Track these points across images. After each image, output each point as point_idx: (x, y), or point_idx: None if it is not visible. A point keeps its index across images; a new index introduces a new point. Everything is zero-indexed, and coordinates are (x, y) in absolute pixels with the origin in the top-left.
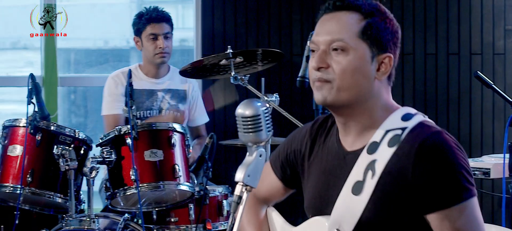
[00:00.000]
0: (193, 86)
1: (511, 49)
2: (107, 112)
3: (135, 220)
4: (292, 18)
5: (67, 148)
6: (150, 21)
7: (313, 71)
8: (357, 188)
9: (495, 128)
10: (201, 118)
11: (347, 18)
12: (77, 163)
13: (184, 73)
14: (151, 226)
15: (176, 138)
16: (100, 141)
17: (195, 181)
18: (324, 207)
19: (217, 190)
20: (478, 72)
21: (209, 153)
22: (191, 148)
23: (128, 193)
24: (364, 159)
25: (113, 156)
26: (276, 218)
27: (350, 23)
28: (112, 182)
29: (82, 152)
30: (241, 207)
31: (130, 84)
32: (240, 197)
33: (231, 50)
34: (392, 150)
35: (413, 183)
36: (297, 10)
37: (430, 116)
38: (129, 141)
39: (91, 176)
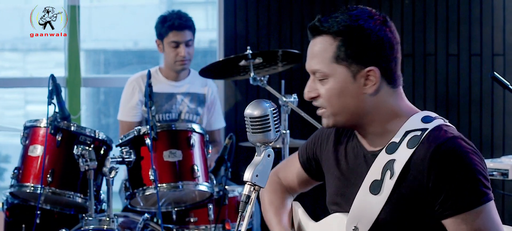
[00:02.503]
0: (212, 90)
1: None
2: (122, 118)
3: (154, 220)
4: (313, 18)
5: (87, 148)
6: (172, 28)
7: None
8: (375, 187)
9: None
10: (218, 122)
11: (320, 45)
12: (96, 163)
13: (204, 73)
14: (170, 226)
15: (195, 139)
16: (120, 141)
17: (214, 181)
18: (345, 204)
19: (237, 190)
20: (495, 73)
21: (228, 153)
22: (210, 148)
23: (147, 193)
24: (382, 158)
25: (133, 156)
26: (299, 211)
27: (322, 50)
28: (131, 182)
29: (102, 152)
30: (249, 207)
31: (149, 86)
32: (248, 197)
33: (250, 51)
34: (411, 151)
35: (429, 188)
36: (318, 10)
37: (451, 117)
38: (148, 141)
39: (111, 176)
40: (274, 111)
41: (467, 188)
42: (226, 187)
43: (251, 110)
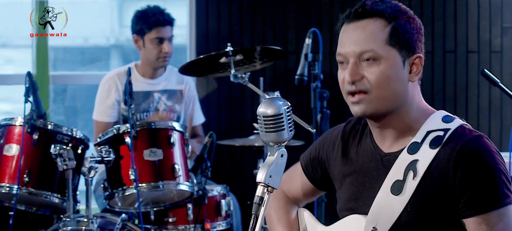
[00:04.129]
0: (190, 86)
1: (508, 47)
2: (97, 118)
3: (132, 220)
4: (287, 16)
5: (64, 147)
6: (156, 24)
7: (346, 84)
8: (397, 188)
9: (491, 126)
10: (198, 118)
11: (373, 26)
12: (75, 162)
13: (183, 71)
14: (149, 226)
15: (175, 137)
16: (98, 140)
17: (194, 181)
18: (360, 209)
19: (216, 190)
20: (485, 70)
21: (208, 152)
22: (190, 146)
23: (127, 193)
24: (404, 159)
25: (112, 155)
26: (307, 217)
27: (376, 31)
28: (110, 182)
29: (79, 151)
30: (262, 208)
31: (129, 83)
32: (262, 198)
33: (231, 48)
34: (435, 151)
35: (454, 187)
36: (292, 8)
37: None
38: (128, 140)
39: (90, 176)
40: (288, 109)
41: (491, 188)
42: (206, 186)
43: (265, 109)
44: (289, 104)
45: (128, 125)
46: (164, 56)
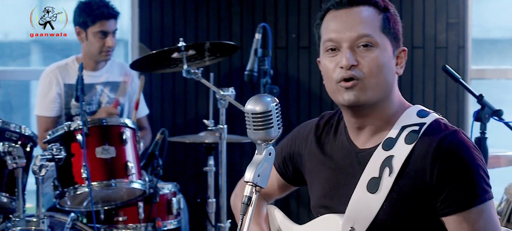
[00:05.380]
0: (133, 78)
1: (453, 42)
2: (40, 113)
3: (80, 219)
4: (231, 11)
5: (14, 145)
6: (101, 17)
7: (339, 70)
8: (373, 185)
9: None
10: (143, 109)
11: (367, 12)
12: (25, 160)
13: (135, 66)
14: (98, 225)
15: (127, 134)
16: (48, 137)
17: (147, 179)
18: (335, 206)
19: (167, 188)
20: (446, 65)
21: (160, 149)
22: (142, 144)
23: (79, 192)
24: (379, 155)
25: (63, 153)
26: (278, 215)
27: (372, 17)
28: (61, 181)
29: (28, 149)
30: (250, 209)
31: (81, 78)
32: (249, 198)
33: (183, 43)
34: (410, 147)
35: (431, 184)
36: (236, 3)
37: None
38: (79, 137)
39: (41, 174)
40: (277, 106)
41: (470, 185)
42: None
43: (253, 106)
44: (278, 101)
45: (79, 122)
46: (107, 50)
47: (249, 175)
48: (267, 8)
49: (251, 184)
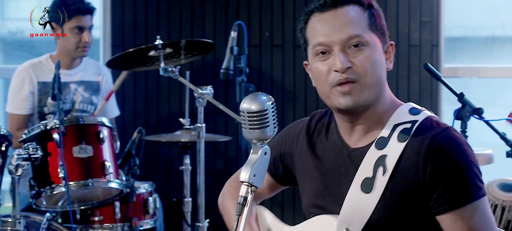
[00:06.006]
0: (107, 78)
1: (427, 41)
2: (11, 111)
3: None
4: (204, 8)
5: None
6: (78, 12)
7: (334, 74)
8: (367, 185)
9: None
10: (114, 111)
11: (353, 12)
12: (1, 160)
13: (111, 64)
14: (74, 225)
15: (104, 133)
16: (24, 136)
17: (124, 178)
18: (329, 207)
19: (143, 187)
20: (428, 64)
21: (137, 148)
22: (118, 143)
23: (56, 192)
24: (373, 155)
25: (39, 153)
26: (268, 216)
27: (358, 16)
28: (37, 180)
29: (3, 148)
30: (246, 209)
31: (58, 77)
32: (245, 198)
33: (160, 41)
34: (403, 144)
35: (425, 183)
36: (210, 0)
37: None
38: (56, 136)
39: (17, 174)
40: (272, 105)
41: (463, 182)
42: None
43: (249, 105)
44: (273, 100)
45: (55, 121)
46: (84, 46)
47: (244, 174)
48: (240, 5)
49: (246, 183)
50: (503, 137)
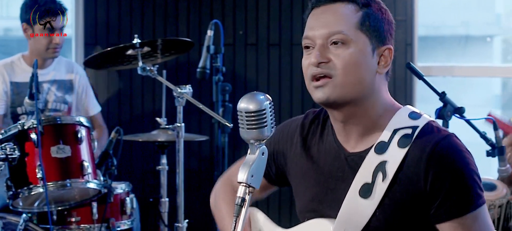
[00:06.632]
0: (80, 76)
1: (401, 40)
2: None
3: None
4: (178, 7)
5: None
6: (48, 13)
7: (311, 68)
8: (366, 191)
9: None
10: (95, 107)
11: (344, 9)
12: None
13: (88, 64)
14: (51, 226)
15: (82, 133)
16: (0, 136)
17: (102, 178)
18: (325, 211)
19: (120, 187)
20: (410, 63)
21: (114, 148)
22: (96, 142)
23: (34, 193)
24: (372, 160)
25: (17, 153)
26: (260, 217)
27: (347, 14)
28: (14, 181)
29: None
30: (243, 210)
31: (36, 76)
32: (243, 199)
33: (138, 40)
34: (404, 151)
35: (425, 191)
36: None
37: (318, 107)
38: (33, 136)
39: None
40: (270, 105)
41: (465, 191)
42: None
43: (246, 104)
44: (271, 99)
45: (33, 121)
46: (55, 47)
47: (242, 175)
48: (214, 4)
49: (244, 184)
50: (483, 136)
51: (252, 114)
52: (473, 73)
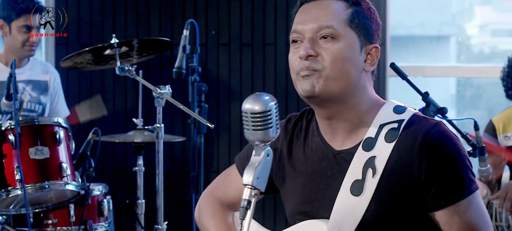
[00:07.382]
0: (55, 77)
1: None
2: None
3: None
4: (150, 6)
5: None
6: (26, 11)
7: (298, 61)
8: (357, 188)
9: None
10: (63, 110)
11: (334, 5)
12: None
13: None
14: (26, 229)
15: (61, 134)
16: None
17: (80, 179)
18: (317, 212)
19: (97, 189)
20: (394, 63)
21: (92, 149)
22: (73, 144)
23: (12, 195)
24: (361, 157)
25: None
26: (253, 225)
27: (337, 10)
28: None
29: None
30: (249, 213)
31: (14, 76)
32: (249, 202)
33: (116, 40)
34: (391, 145)
35: (420, 180)
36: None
37: (291, 107)
38: (11, 137)
39: None
40: (276, 106)
41: (459, 177)
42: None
43: (252, 105)
44: (276, 100)
45: (10, 121)
46: (31, 45)
47: (248, 177)
48: (186, 4)
49: (250, 186)
50: (464, 136)
51: (258, 115)
52: (444, 73)
